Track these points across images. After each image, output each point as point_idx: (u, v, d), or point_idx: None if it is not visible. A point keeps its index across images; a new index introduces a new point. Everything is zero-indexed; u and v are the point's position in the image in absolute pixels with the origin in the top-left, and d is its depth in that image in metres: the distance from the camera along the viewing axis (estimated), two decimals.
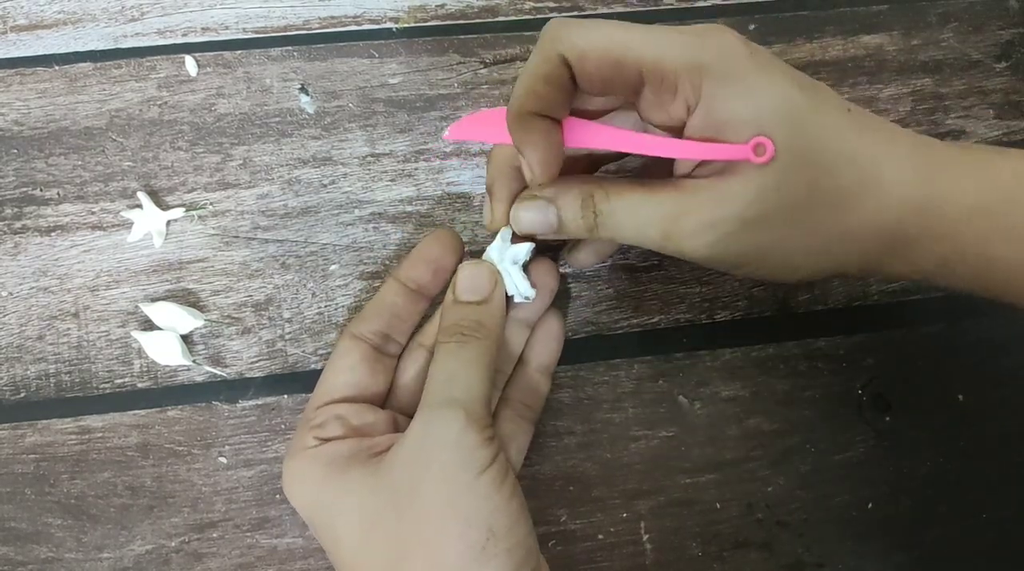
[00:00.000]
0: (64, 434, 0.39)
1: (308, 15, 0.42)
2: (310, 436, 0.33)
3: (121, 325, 0.39)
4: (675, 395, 0.41)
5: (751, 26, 0.43)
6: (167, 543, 0.38)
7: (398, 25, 0.42)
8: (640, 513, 0.40)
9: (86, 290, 0.39)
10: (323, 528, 0.32)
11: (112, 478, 0.38)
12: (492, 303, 0.33)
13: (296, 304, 0.40)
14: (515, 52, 0.42)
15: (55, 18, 0.41)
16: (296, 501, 0.33)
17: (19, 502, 0.38)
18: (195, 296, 0.40)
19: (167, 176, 0.40)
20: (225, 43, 0.41)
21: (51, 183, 0.40)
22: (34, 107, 0.41)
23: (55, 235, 0.40)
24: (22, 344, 0.39)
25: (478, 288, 0.33)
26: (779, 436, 0.41)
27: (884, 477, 0.41)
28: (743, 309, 0.41)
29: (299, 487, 0.33)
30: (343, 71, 0.41)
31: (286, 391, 0.39)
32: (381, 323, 0.36)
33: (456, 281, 0.34)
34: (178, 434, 0.39)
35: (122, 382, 0.39)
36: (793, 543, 0.40)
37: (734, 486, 0.40)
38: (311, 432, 0.33)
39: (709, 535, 0.40)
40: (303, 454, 0.33)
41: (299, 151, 0.41)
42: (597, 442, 0.40)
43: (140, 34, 0.41)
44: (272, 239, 0.40)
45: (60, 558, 0.38)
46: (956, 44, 0.44)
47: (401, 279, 0.36)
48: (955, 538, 0.41)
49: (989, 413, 0.42)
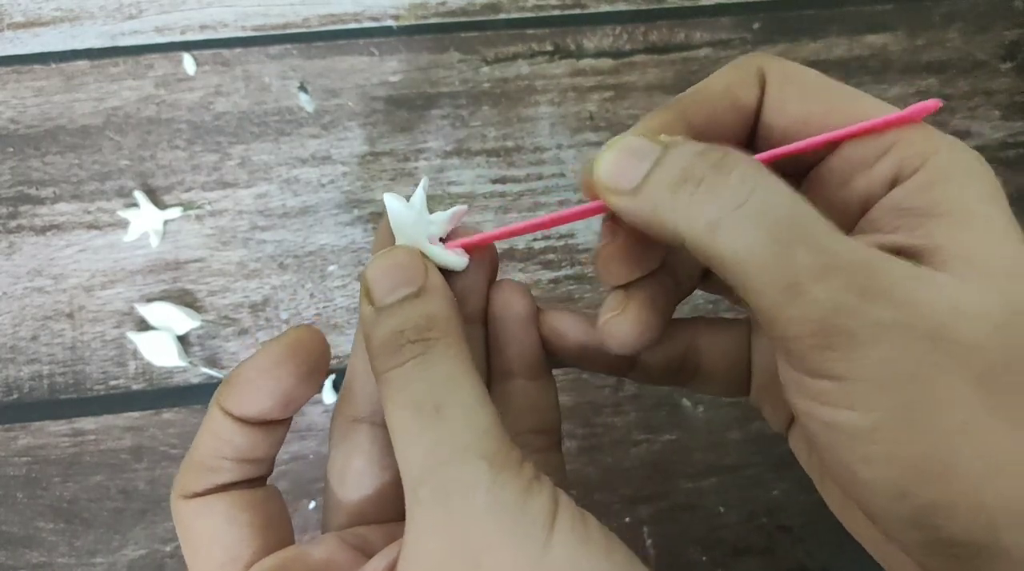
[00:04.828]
0: (57, 436, 0.38)
1: (307, 12, 0.42)
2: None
3: (116, 326, 0.39)
4: (677, 399, 0.40)
5: (755, 24, 0.43)
6: (161, 548, 0.38)
7: (398, 22, 0.42)
8: (642, 518, 0.39)
9: (81, 290, 0.39)
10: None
11: (105, 481, 0.38)
12: (433, 289, 0.22)
13: (294, 305, 0.39)
14: (517, 50, 0.42)
15: (52, 15, 0.41)
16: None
17: (10, 505, 0.38)
18: (192, 296, 0.39)
19: (164, 175, 0.40)
20: (223, 41, 0.41)
21: (47, 182, 0.40)
22: (30, 105, 0.40)
23: (50, 234, 0.39)
24: (15, 345, 0.39)
25: (406, 276, 0.22)
26: (782, 440, 0.40)
27: None
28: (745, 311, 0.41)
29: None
30: (342, 69, 0.41)
31: None
32: (227, 469, 0.22)
33: (368, 282, 0.22)
34: (173, 437, 0.38)
35: (116, 384, 0.39)
36: (795, 548, 0.40)
37: (736, 491, 0.40)
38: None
39: (711, 540, 0.39)
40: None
41: (298, 150, 0.40)
42: (598, 446, 0.40)
43: (138, 32, 0.41)
44: (270, 239, 0.40)
45: (52, 563, 0.37)
46: (961, 44, 0.44)
47: (230, 410, 0.21)
48: None
49: None
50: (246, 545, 0.21)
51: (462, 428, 0.19)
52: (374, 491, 0.23)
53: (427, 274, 0.22)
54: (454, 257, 0.23)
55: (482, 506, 0.18)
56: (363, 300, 0.21)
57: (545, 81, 0.42)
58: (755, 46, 0.43)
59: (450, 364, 0.20)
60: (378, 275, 0.21)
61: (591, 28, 0.42)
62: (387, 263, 0.22)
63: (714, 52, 0.43)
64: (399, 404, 0.20)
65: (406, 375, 0.20)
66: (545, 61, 0.42)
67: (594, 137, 0.41)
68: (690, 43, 0.43)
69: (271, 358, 0.21)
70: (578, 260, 0.41)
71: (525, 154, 0.41)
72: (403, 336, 0.20)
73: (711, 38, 0.43)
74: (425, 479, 0.19)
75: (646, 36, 0.43)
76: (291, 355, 0.21)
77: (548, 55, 0.42)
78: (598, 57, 0.42)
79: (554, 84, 0.42)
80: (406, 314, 0.21)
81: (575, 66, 0.42)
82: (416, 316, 0.21)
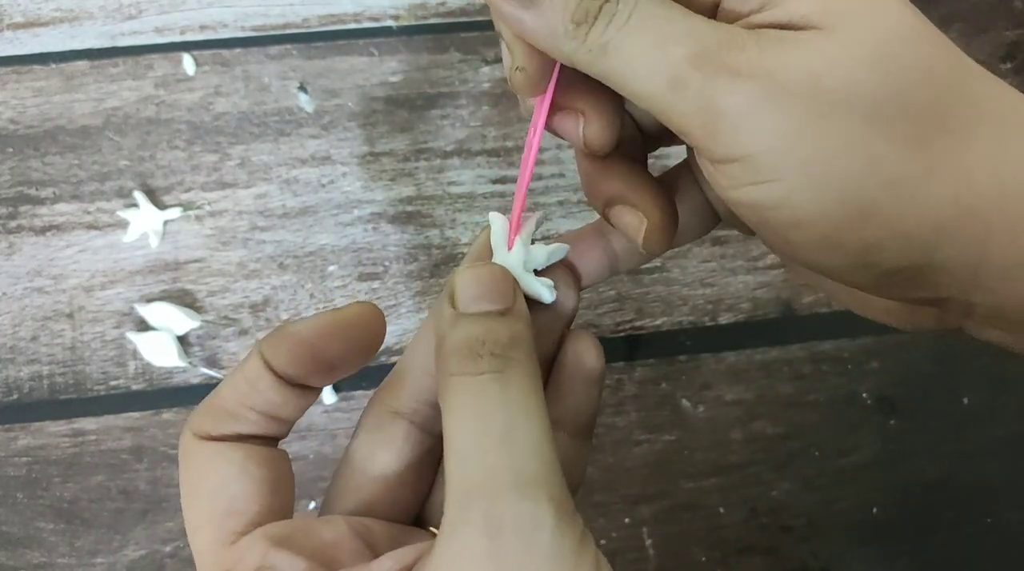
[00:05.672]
0: (57, 437, 0.38)
1: (307, 13, 0.42)
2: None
3: (116, 326, 0.39)
4: (678, 398, 0.40)
5: None
6: (161, 548, 0.38)
7: (398, 23, 0.42)
8: (643, 518, 0.39)
9: (81, 290, 0.39)
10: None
11: (105, 482, 0.38)
12: (520, 314, 0.21)
13: (294, 305, 0.39)
14: None
15: (52, 16, 0.41)
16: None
17: (11, 506, 0.38)
18: (191, 297, 0.39)
19: (164, 175, 0.40)
20: (223, 41, 0.41)
21: (46, 182, 0.40)
22: (30, 105, 0.40)
23: (50, 235, 0.39)
24: (15, 345, 0.39)
25: (497, 292, 0.21)
26: (783, 440, 0.40)
27: (889, 481, 0.40)
28: (747, 311, 0.41)
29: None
30: (342, 69, 0.41)
31: None
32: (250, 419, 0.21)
33: (456, 288, 0.22)
34: (173, 437, 0.38)
35: (116, 384, 0.38)
36: (798, 548, 0.40)
37: (738, 490, 0.40)
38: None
39: (713, 540, 0.39)
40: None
41: (297, 150, 0.40)
42: (599, 446, 0.39)
43: (137, 32, 0.41)
44: (270, 239, 0.40)
45: (52, 563, 0.37)
46: (961, 44, 0.44)
47: (275, 363, 0.21)
48: (960, 542, 0.40)
49: (994, 416, 0.41)
50: (253, 501, 0.21)
51: (531, 460, 0.18)
52: (392, 489, 0.23)
53: (516, 298, 0.22)
54: (545, 290, 0.23)
55: (544, 547, 0.18)
56: (445, 300, 0.21)
57: None
58: None
59: (527, 391, 0.19)
60: (469, 282, 0.21)
61: None
62: (480, 274, 0.21)
63: None
64: (466, 414, 0.19)
65: (480, 386, 0.19)
66: None
67: None
68: None
69: (330, 326, 0.21)
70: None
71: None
72: (483, 347, 0.20)
73: None
74: (480, 500, 0.18)
75: None
76: (351, 328, 0.21)
77: None
78: None
79: None
80: (490, 327, 0.20)
81: None
82: (501, 331, 0.20)
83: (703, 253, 0.41)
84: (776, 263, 0.41)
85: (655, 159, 0.24)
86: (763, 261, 0.41)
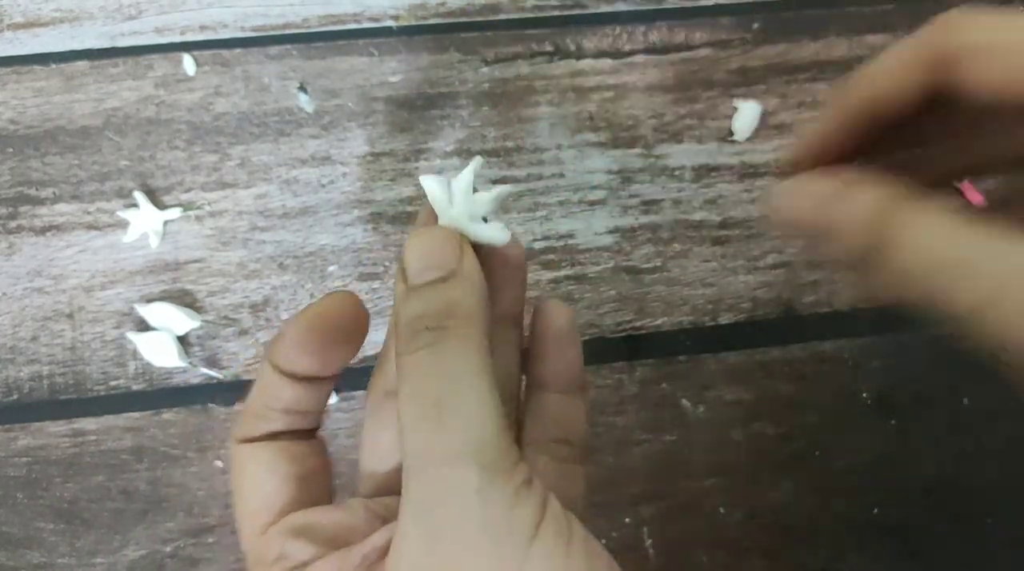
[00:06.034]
0: (57, 437, 0.38)
1: (307, 13, 0.42)
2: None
3: (116, 326, 0.39)
4: (678, 398, 0.40)
5: (755, 24, 0.43)
6: (162, 548, 0.38)
7: (398, 23, 0.42)
8: (643, 518, 0.39)
9: (81, 291, 0.39)
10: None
11: (106, 482, 0.38)
12: (464, 274, 0.21)
13: (294, 305, 0.39)
14: (516, 50, 0.42)
15: (52, 16, 0.41)
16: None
17: (11, 506, 0.37)
18: (191, 297, 0.39)
19: (164, 176, 0.40)
20: (223, 42, 0.41)
21: (46, 182, 0.40)
22: (30, 106, 0.40)
23: (50, 235, 0.39)
24: (15, 345, 0.39)
25: (440, 258, 0.21)
26: (784, 440, 0.40)
27: (889, 481, 0.40)
28: (747, 312, 0.41)
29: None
30: (342, 69, 0.41)
31: None
32: (274, 419, 0.23)
33: (405, 259, 0.22)
34: (173, 437, 0.38)
35: (116, 384, 0.38)
36: (798, 549, 0.40)
37: (738, 491, 0.40)
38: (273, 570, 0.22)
39: (713, 541, 0.39)
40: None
41: (297, 150, 0.40)
42: (599, 446, 0.39)
43: (137, 32, 0.41)
44: (270, 240, 0.40)
45: (53, 563, 0.37)
46: None
47: (279, 365, 0.23)
48: (961, 543, 0.40)
49: (995, 417, 0.41)
50: (281, 495, 0.22)
51: (459, 429, 0.19)
52: (400, 466, 0.23)
53: (462, 259, 0.21)
54: (497, 232, 0.23)
55: (466, 512, 0.18)
56: (398, 278, 0.21)
57: (545, 81, 0.42)
58: (755, 46, 0.43)
59: (460, 359, 0.19)
60: (415, 253, 0.21)
61: (591, 28, 0.42)
62: (423, 243, 0.21)
63: (714, 52, 0.43)
64: (404, 393, 0.19)
65: (416, 363, 0.20)
66: (545, 61, 0.42)
67: (593, 137, 0.41)
68: (690, 43, 0.43)
69: (305, 322, 0.22)
70: (578, 260, 0.41)
71: (525, 154, 0.41)
72: (422, 321, 0.20)
73: (711, 38, 0.43)
74: (416, 475, 0.19)
75: (646, 36, 0.43)
76: (322, 321, 0.22)
77: (548, 55, 0.42)
78: (598, 57, 0.42)
79: (554, 84, 0.42)
80: (432, 298, 0.21)
81: (575, 66, 0.42)
82: (438, 301, 0.20)
83: (703, 253, 0.41)
84: (777, 263, 0.41)
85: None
86: (763, 261, 0.41)
